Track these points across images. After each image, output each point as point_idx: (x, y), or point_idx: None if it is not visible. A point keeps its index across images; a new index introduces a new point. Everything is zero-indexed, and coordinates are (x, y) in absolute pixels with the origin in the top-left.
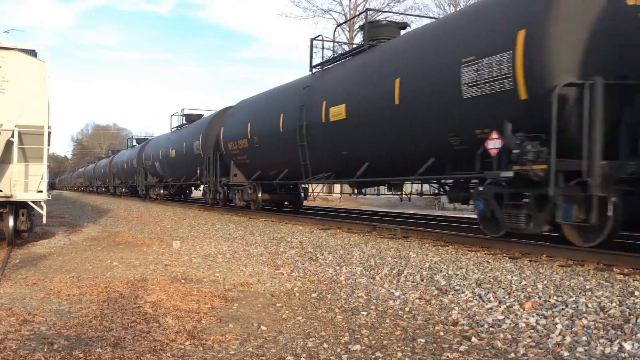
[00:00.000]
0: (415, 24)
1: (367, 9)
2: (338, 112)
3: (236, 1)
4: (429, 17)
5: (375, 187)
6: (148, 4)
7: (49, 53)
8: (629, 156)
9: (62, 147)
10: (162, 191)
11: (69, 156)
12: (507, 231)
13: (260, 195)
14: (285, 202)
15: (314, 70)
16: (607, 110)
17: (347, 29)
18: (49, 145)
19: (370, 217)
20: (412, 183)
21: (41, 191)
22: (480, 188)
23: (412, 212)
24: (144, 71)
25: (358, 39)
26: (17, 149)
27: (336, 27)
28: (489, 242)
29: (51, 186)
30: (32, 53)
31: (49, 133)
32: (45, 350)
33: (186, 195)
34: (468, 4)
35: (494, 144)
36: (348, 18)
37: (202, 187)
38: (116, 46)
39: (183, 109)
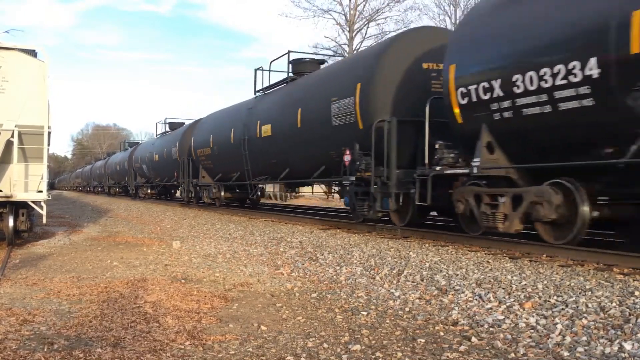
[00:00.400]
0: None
1: (290, 51)
2: (267, 129)
3: (236, 1)
4: (340, 56)
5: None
6: (148, 4)
7: (49, 53)
8: (421, 166)
9: (62, 147)
10: (149, 191)
11: (69, 156)
12: (363, 218)
13: (223, 194)
14: (248, 200)
15: (257, 94)
16: (410, 137)
17: (348, 29)
18: (49, 145)
19: None
20: (324, 185)
21: (41, 191)
22: (348, 188)
23: None
24: (144, 71)
25: (357, 40)
26: (17, 149)
27: (272, 61)
28: (489, 242)
29: (51, 186)
30: (32, 53)
31: (49, 133)
32: (45, 350)
33: (171, 194)
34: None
35: (347, 158)
36: (348, 18)
37: (180, 186)
38: (116, 46)
39: (166, 118)
